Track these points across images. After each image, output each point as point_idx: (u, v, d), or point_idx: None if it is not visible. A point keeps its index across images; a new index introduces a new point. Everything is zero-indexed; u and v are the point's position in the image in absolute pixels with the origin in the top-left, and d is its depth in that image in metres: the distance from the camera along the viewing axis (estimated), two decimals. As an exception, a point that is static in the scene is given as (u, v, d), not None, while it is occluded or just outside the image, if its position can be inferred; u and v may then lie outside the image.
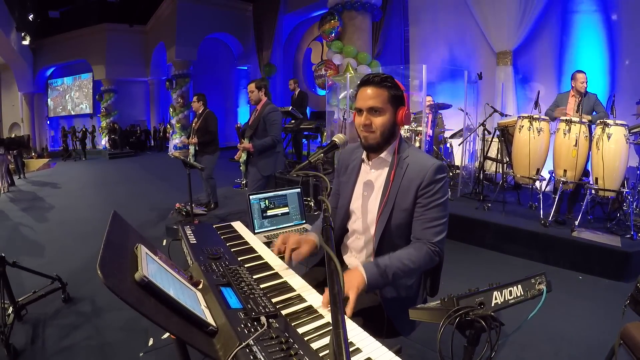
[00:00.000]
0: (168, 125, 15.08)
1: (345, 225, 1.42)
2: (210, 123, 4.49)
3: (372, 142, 1.27)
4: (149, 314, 0.71)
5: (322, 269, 1.48)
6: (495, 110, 4.70)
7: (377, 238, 1.28)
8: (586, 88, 3.82)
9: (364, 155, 1.36)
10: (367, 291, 1.12)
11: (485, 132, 4.81)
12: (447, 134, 5.94)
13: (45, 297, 2.51)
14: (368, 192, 1.34)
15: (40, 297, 2.48)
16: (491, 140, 4.65)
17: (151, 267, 0.85)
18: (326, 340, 0.85)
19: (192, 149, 4.66)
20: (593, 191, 3.37)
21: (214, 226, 1.64)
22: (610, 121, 3.24)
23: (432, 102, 5.48)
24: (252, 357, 0.74)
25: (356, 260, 1.40)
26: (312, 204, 4.38)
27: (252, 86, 3.42)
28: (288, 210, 2.08)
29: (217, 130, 4.56)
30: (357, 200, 1.36)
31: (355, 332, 0.90)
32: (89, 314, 2.50)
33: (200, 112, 4.57)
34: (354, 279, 1.07)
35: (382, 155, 1.31)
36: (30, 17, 13.83)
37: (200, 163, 4.40)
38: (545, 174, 3.85)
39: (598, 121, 3.36)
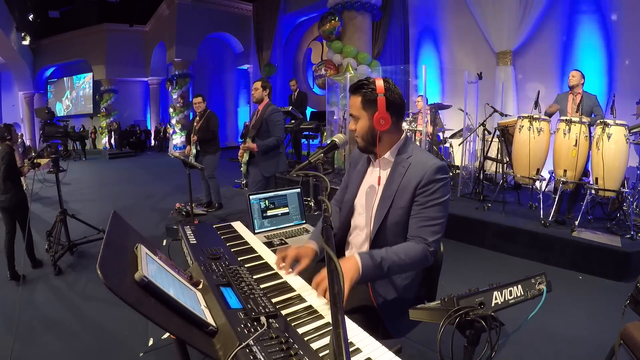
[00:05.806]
0: (168, 125, 15.08)
1: (349, 221, 1.44)
2: (212, 123, 4.56)
3: (359, 146, 1.34)
4: (149, 314, 0.71)
5: (322, 267, 1.48)
6: (495, 110, 4.70)
7: (373, 234, 1.29)
8: (583, 85, 3.85)
9: (371, 155, 1.39)
10: (360, 282, 1.11)
11: (485, 132, 4.81)
12: (447, 134, 5.93)
13: (92, 242, 3.56)
14: (371, 190, 1.36)
15: (89, 241, 3.56)
16: (491, 140, 4.65)
17: (151, 267, 0.85)
18: (326, 340, 0.85)
19: (193, 149, 4.65)
20: (593, 191, 3.36)
21: (214, 226, 1.64)
22: (610, 121, 3.24)
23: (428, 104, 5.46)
24: (252, 357, 0.74)
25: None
26: (312, 204, 4.38)
27: (257, 84, 3.45)
28: (288, 211, 2.08)
29: (218, 130, 4.65)
30: (361, 198, 1.39)
31: (355, 332, 0.90)
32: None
33: (201, 111, 4.62)
34: (349, 270, 1.07)
35: (386, 155, 1.32)
36: (30, 17, 13.82)
37: (201, 163, 4.40)
38: (545, 174, 3.85)
39: (598, 121, 3.36)
